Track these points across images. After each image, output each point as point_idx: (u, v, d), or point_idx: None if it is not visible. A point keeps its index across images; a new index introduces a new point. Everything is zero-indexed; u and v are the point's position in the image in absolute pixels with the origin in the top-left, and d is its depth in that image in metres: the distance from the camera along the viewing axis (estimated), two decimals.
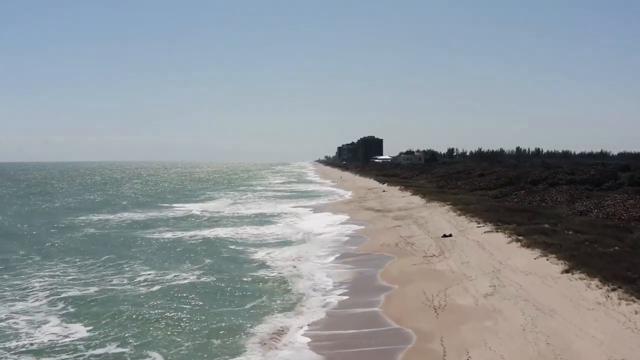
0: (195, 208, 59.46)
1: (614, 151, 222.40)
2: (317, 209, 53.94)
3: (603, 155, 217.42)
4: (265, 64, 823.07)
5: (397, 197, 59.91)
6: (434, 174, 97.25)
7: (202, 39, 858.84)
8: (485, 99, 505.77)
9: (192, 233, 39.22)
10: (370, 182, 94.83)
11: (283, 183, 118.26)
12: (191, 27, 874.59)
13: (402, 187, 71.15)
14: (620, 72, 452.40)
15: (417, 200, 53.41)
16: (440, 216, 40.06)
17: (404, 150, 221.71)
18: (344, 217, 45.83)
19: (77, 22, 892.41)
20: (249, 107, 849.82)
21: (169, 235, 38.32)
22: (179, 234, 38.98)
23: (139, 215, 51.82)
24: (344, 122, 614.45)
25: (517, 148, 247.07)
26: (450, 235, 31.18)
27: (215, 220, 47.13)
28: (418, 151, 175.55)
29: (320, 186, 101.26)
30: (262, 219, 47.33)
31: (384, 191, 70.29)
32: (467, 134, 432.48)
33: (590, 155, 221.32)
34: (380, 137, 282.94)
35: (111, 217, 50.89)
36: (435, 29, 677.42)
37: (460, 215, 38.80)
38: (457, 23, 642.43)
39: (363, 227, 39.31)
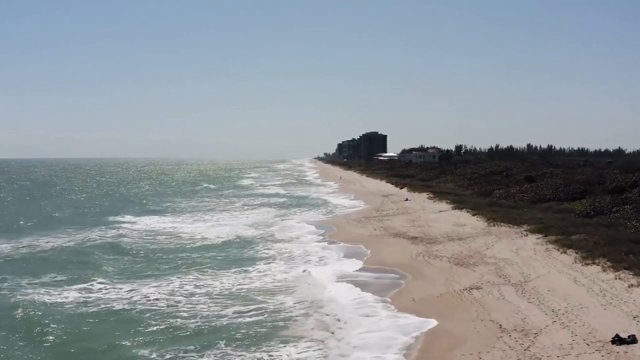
0: (148, 224, 41.98)
1: (629, 148, 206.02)
2: (316, 233, 35.82)
3: (620, 152, 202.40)
4: (264, 61, 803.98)
5: (431, 210, 42.03)
6: (460, 176, 79.30)
7: (199, 37, 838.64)
8: (486, 97, 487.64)
9: (94, 294, 21.41)
10: (383, 185, 76.81)
11: (279, 185, 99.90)
12: (188, 25, 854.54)
13: (431, 195, 53.25)
14: (626, 68, 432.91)
15: (468, 218, 35.56)
16: (540, 259, 22.23)
17: (406, 147, 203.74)
18: (361, 252, 27.99)
19: (75, 21, 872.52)
20: (247, 104, 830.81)
21: (44, 298, 20.49)
22: (72, 291, 21.35)
23: (46, 243, 33.92)
24: (342, 119, 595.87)
25: (528, 145, 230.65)
26: (634, 340, 13.33)
27: (159, 255, 29.39)
28: (432, 148, 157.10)
29: (322, 189, 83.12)
30: (235, 254, 29.35)
31: (406, 200, 52.38)
32: (467, 131, 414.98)
33: (607, 153, 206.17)
34: (383, 133, 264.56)
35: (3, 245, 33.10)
36: (435, 27, 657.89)
37: (585, 261, 20.95)
38: (459, 20, 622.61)
39: (400, 281, 21.52)
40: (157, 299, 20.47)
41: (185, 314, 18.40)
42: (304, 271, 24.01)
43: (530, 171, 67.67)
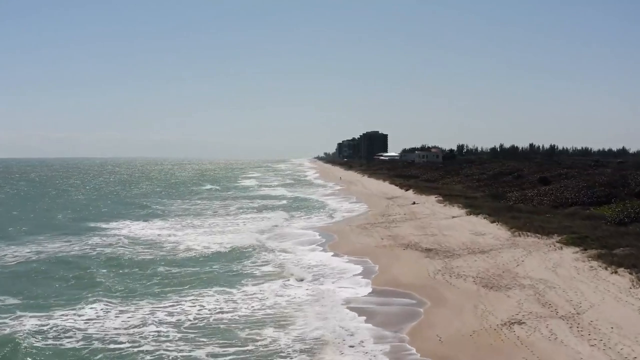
0: (134, 231, 38.14)
1: (632, 148, 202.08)
2: (316, 242, 31.86)
3: (625, 152, 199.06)
4: (264, 61, 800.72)
5: (443, 216, 38.08)
6: (468, 176, 75.47)
7: (199, 37, 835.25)
8: (486, 97, 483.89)
9: (52, 320, 17.46)
10: (386, 187, 72.80)
11: (278, 186, 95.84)
12: (188, 25, 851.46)
13: (440, 197, 49.29)
14: (626, 68, 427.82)
15: (487, 226, 31.59)
16: (586, 281, 18.29)
17: (407, 147, 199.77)
18: (367, 267, 24.09)
19: (75, 21, 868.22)
20: (247, 104, 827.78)
21: None
22: (27, 318, 17.60)
23: (13, 256, 29.95)
24: (342, 119, 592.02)
25: (531, 145, 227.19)
26: None
27: (136, 270, 25.56)
28: (435, 147, 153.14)
29: (321, 190, 79.22)
30: (222, 269, 25.37)
31: (414, 203, 48.41)
32: (467, 131, 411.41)
33: (611, 152, 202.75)
34: (384, 132, 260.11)
35: None
36: (435, 27, 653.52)
37: None
38: (459, 20, 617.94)
39: (417, 309, 17.61)
40: (118, 333, 16.54)
41: (147, 357, 14.48)
42: (317, 292, 20.06)
43: (543, 172, 63.76)
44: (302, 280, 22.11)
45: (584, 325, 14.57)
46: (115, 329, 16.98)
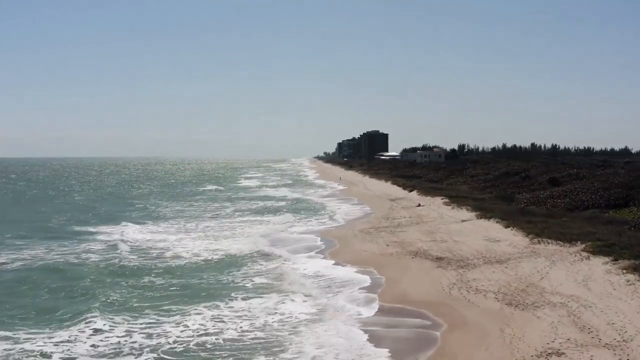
0: (124, 235, 35.80)
1: (633, 148, 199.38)
2: (315, 249, 29.40)
3: (627, 152, 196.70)
4: (264, 61, 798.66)
5: (452, 220, 35.69)
6: (472, 177, 73.19)
7: (199, 37, 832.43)
8: (486, 96, 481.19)
9: (19, 344, 15.14)
10: (389, 187, 70.39)
11: (277, 187, 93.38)
12: (188, 25, 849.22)
13: (446, 199, 46.90)
14: (626, 68, 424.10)
15: (500, 231, 29.19)
16: (626, 299, 16.00)
17: (406, 147, 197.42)
18: (373, 280, 21.72)
19: (75, 21, 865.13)
20: (248, 104, 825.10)
21: None
22: None
23: None
24: (343, 119, 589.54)
25: (532, 144, 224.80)
26: None
27: (119, 280, 23.24)
28: (437, 147, 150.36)
29: (321, 191, 76.75)
30: (210, 281, 23.03)
31: (419, 205, 46.00)
32: (467, 131, 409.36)
33: (613, 152, 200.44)
34: (385, 132, 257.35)
35: None
36: (434, 28, 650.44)
37: None
38: (459, 21, 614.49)
39: (433, 334, 15.30)
40: None
41: None
42: (315, 310, 17.55)
43: (551, 172, 61.33)
44: (297, 294, 19.71)
45: (635, 357, 12.20)
46: (83, 355, 14.66)
